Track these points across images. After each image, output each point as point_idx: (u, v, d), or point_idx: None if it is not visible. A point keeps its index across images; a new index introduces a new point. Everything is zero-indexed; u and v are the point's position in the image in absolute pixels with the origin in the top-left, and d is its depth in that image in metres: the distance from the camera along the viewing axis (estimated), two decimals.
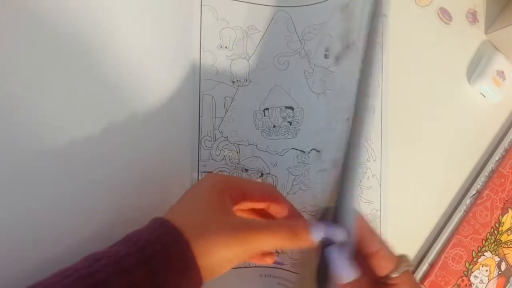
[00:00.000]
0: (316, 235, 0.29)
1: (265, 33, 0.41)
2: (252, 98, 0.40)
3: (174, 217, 0.28)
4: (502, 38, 0.52)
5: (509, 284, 0.51)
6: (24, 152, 0.30)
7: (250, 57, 0.40)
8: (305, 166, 0.41)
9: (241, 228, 0.28)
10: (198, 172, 0.39)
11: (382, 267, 0.32)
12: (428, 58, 0.50)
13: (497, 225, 0.51)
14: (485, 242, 0.50)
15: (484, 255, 0.50)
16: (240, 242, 0.28)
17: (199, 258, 0.26)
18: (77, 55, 0.33)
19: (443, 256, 0.48)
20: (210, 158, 0.39)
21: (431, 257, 0.48)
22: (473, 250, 0.49)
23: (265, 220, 0.34)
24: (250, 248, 0.28)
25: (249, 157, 0.40)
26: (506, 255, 0.51)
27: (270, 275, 0.40)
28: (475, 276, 0.49)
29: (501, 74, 0.52)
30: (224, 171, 0.39)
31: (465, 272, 0.49)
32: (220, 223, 0.28)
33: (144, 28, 0.35)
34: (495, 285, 0.50)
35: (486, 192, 0.50)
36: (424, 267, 0.48)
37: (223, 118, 0.39)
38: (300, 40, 0.41)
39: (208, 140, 0.39)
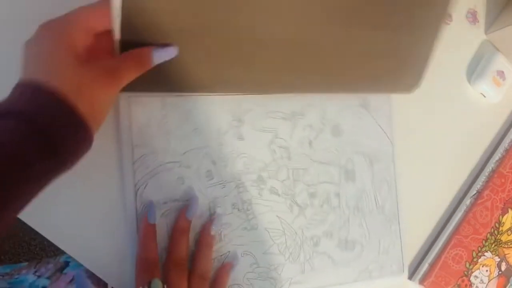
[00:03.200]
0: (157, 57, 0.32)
1: None
2: None
3: (45, 80, 0.27)
4: (502, 38, 0.52)
5: (509, 284, 0.51)
6: None
7: None
8: None
9: (112, 70, 0.30)
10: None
11: None
12: None
13: (497, 225, 0.50)
14: (485, 242, 0.50)
15: (484, 255, 0.50)
16: (114, 84, 0.31)
17: (85, 115, 0.28)
18: None
19: (443, 256, 0.48)
20: None
21: (431, 257, 0.48)
22: (473, 250, 0.49)
23: (118, 57, 0.33)
24: (120, 85, 0.31)
25: None
26: (506, 255, 0.51)
27: None
28: (475, 276, 0.49)
29: (501, 74, 0.52)
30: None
31: (465, 272, 0.49)
32: (91, 72, 0.29)
33: None
34: (496, 285, 0.50)
35: (486, 192, 0.50)
36: (424, 267, 0.48)
37: None
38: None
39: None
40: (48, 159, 0.26)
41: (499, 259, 0.51)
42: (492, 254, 0.50)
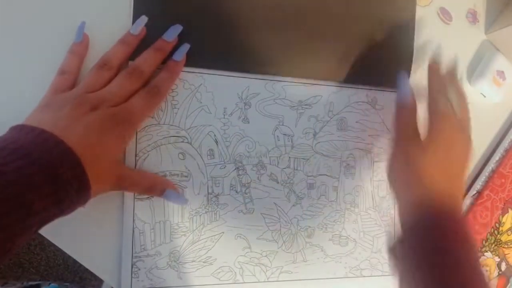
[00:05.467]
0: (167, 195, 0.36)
1: None
2: None
3: (69, 140, 0.29)
4: (502, 38, 0.52)
5: (509, 284, 0.51)
6: None
7: None
8: None
9: (123, 179, 0.34)
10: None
11: None
12: (428, 58, 0.49)
13: (497, 225, 0.50)
14: (485, 242, 0.50)
15: (484, 255, 0.50)
16: (117, 187, 0.34)
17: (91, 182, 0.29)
18: None
19: None
20: None
21: None
22: None
23: (136, 171, 0.37)
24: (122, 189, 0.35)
25: None
26: (507, 255, 0.51)
27: None
28: None
29: (501, 74, 0.52)
30: None
31: None
32: (112, 163, 0.32)
33: None
34: (496, 285, 0.50)
35: (486, 192, 0.50)
36: None
37: None
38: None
39: None
40: (51, 204, 0.27)
41: (499, 259, 0.51)
42: (492, 254, 0.50)
